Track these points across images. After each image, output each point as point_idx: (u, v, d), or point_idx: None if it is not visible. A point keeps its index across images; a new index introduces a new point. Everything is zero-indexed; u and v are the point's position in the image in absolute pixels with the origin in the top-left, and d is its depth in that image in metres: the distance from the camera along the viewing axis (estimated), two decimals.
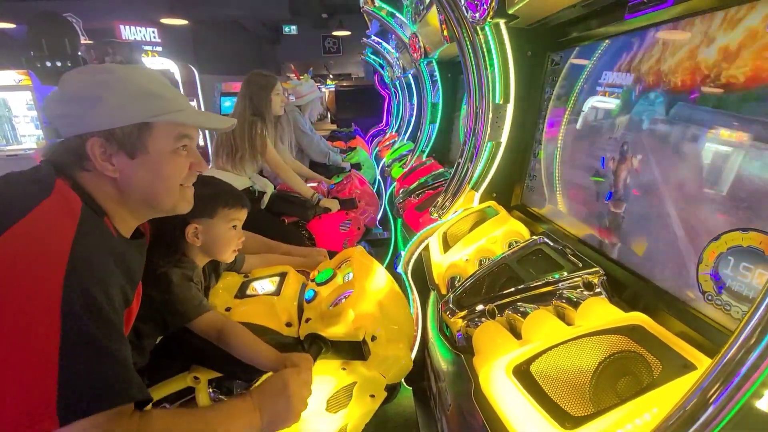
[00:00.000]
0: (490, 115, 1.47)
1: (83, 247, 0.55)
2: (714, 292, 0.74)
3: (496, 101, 1.46)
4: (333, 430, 0.90)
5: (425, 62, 2.55)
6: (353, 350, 0.90)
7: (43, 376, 0.48)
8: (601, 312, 0.81)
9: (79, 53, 6.26)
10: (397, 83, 4.32)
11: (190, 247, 0.90)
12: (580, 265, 0.96)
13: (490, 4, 1.14)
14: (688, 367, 0.60)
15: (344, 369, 0.89)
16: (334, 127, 9.28)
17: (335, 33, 11.17)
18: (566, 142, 1.35)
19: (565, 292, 0.92)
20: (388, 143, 4.41)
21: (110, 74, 0.64)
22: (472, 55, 1.40)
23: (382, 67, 4.76)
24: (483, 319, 0.97)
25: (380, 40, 3.69)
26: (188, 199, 0.75)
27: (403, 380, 1.37)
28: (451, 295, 1.09)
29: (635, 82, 1.02)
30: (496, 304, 0.97)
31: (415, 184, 2.27)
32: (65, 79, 0.64)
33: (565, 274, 0.95)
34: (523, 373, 0.73)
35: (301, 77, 3.05)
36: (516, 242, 1.23)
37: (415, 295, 1.67)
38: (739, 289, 0.70)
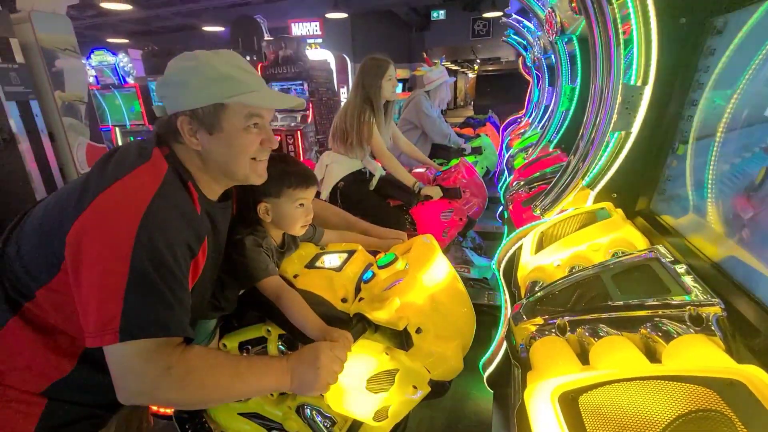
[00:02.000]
0: (619, 99, 1.22)
1: (157, 205, 0.68)
2: None
3: (631, 82, 1.21)
4: (372, 408, 0.92)
5: (564, 40, 2.24)
6: (395, 337, 0.89)
7: (113, 303, 0.63)
8: (699, 353, 0.62)
9: (262, 49, 7.55)
10: (542, 66, 3.92)
11: (263, 220, 1.01)
12: (695, 293, 0.75)
13: None
14: None
15: (387, 354, 0.89)
16: (471, 113, 9.03)
17: (485, 15, 10.68)
18: (729, 137, 1.03)
19: (663, 322, 0.73)
20: (520, 132, 4.09)
21: (195, 61, 0.76)
22: (602, 24, 1.19)
23: (525, 48, 4.38)
24: (552, 332, 0.85)
25: (521, 19, 3.39)
26: (259, 173, 0.85)
27: (487, 385, 1.31)
28: (525, 301, 0.98)
29: None
30: (570, 319, 0.84)
31: (531, 177, 2.07)
32: (168, 65, 0.77)
33: (670, 300, 0.75)
34: (569, 402, 0.63)
35: (434, 63, 3.08)
36: (622, 253, 1.02)
37: (506, 297, 1.56)
38: None
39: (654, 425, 0.54)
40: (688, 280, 0.79)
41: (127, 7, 8.53)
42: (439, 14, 11.21)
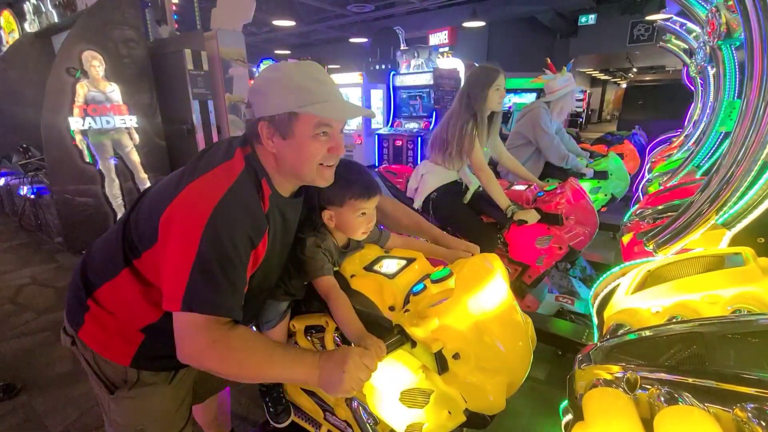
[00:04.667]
0: None
1: (226, 202, 0.78)
2: None
3: None
4: (404, 420, 0.90)
5: (732, 45, 1.82)
6: (430, 357, 0.85)
7: (180, 279, 0.75)
8: None
9: (397, 58, 7.98)
10: (706, 75, 3.26)
11: (327, 224, 1.07)
12: None
13: None
14: None
15: (423, 372, 0.86)
16: (612, 129, 7.94)
17: (649, 17, 9.27)
18: None
19: None
20: (668, 153, 3.46)
21: (277, 72, 0.84)
22: (759, 27, 0.96)
23: (689, 55, 3.68)
24: (620, 386, 0.72)
25: (685, 21, 2.86)
26: (326, 178, 0.90)
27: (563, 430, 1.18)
28: (600, 344, 0.85)
29: None
30: (645, 375, 0.70)
31: (662, 206, 1.75)
32: (257, 75, 0.88)
33: None
34: None
35: (562, 69, 2.79)
36: (747, 312, 0.81)
37: (598, 334, 1.36)
38: None
39: None
40: None
41: (292, 23, 9.95)
42: (588, 19, 10.17)
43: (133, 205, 0.94)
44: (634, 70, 16.27)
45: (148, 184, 3.77)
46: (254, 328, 1.17)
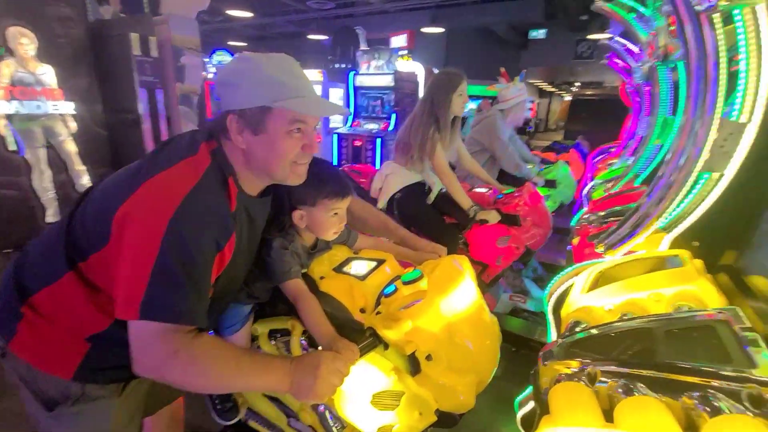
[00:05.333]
0: (715, 136, 1.08)
1: (190, 202, 0.72)
2: None
3: (733, 118, 1.06)
4: (375, 423, 0.90)
5: (667, 67, 2.02)
6: (402, 359, 0.86)
7: (138, 284, 0.69)
8: None
9: (356, 58, 7.97)
10: (642, 93, 3.57)
11: (296, 224, 1.04)
12: (764, 369, 0.63)
13: None
14: None
15: (395, 375, 0.86)
16: (560, 138, 8.48)
17: (591, 36, 10.01)
18: None
19: (713, 394, 0.62)
20: (609, 162, 3.75)
21: (248, 63, 0.79)
22: (700, 51, 1.06)
23: (626, 74, 4.02)
24: (581, 379, 0.77)
25: (625, 42, 3.12)
26: (299, 175, 0.87)
27: (519, 425, 1.23)
28: (561, 341, 0.90)
29: None
30: (604, 368, 0.75)
31: (606, 211, 1.90)
32: (225, 65, 0.83)
33: (729, 372, 0.64)
34: None
35: (514, 80, 2.93)
36: (687, 309, 0.89)
37: (553, 332, 1.44)
38: None
39: None
40: (759, 353, 0.66)
41: (249, 14, 9.59)
42: (538, 33, 10.78)
43: (78, 203, 0.85)
44: (577, 84, 17.49)
45: (86, 177, 3.45)
46: (213, 332, 1.11)
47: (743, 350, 0.67)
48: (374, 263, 1.05)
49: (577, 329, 0.97)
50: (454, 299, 0.89)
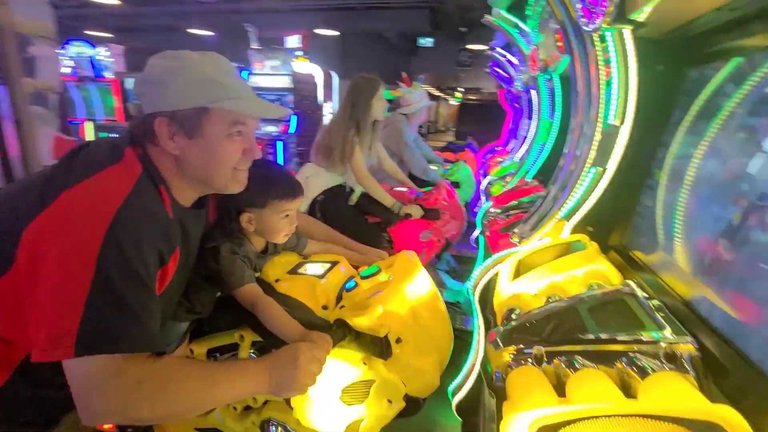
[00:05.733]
0: (599, 137, 1.28)
1: (128, 210, 0.63)
2: None
3: (609, 121, 1.27)
4: (344, 422, 0.90)
5: (545, 77, 2.35)
6: (375, 345, 0.88)
7: (71, 312, 0.57)
8: (675, 392, 0.63)
9: (249, 57, 7.53)
10: (520, 99, 4.09)
11: (244, 229, 0.99)
12: (670, 330, 0.76)
13: (607, 9, 0.98)
14: None
15: (365, 363, 0.88)
16: (452, 138, 9.25)
17: (470, 47, 11.13)
18: (698, 179, 1.08)
19: (638, 357, 0.74)
20: (498, 160, 4.21)
21: (180, 61, 0.72)
22: (585, 65, 1.24)
23: (506, 81, 4.56)
24: (528, 361, 0.84)
25: (505, 53, 3.54)
26: (240, 181, 0.80)
27: (455, 413, 1.28)
28: (502, 328, 0.97)
29: None
30: (547, 349, 0.83)
31: (508, 204, 2.12)
32: (149, 63, 0.73)
33: (645, 336, 0.76)
34: None
35: (412, 84, 3.08)
36: (598, 286, 1.04)
37: (480, 321, 1.55)
38: None
39: None
40: (662, 316, 0.80)
41: (115, 1, 8.34)
42: (426, 41, 11.58)
43: None
44: (460, 89, 19.30)
45: None
46: None
47: (651, 316, 0.80)
48: (328, 264, 1.07)
49: (513, 316, 1.05)
50: (415, 287, 0.97)
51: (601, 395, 0.67)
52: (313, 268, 1.06)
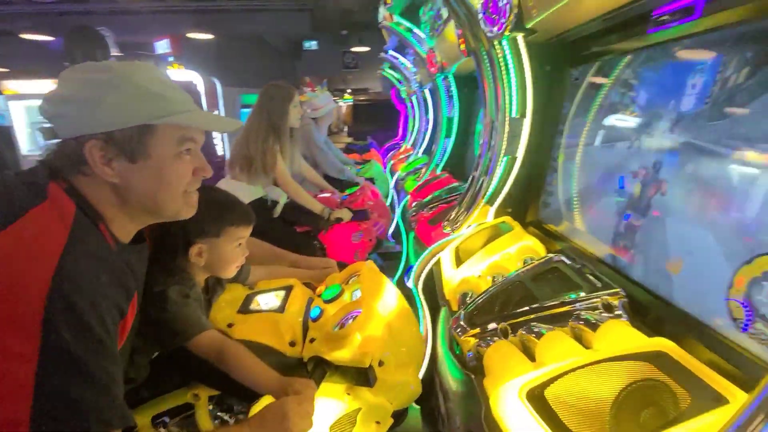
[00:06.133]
0: (507, 129, 1.44)
1: (72, 258, 0.53)
2: (745, 319, 0.69)
3: (513, 115, 1.44)
4: None
5: (442, 77, 2.55)
6: (359, 376, 0.85)
7: (16, 394, 0.46)
8: (622, 336, 0.77)
9: None
10: (414, 98, 4.34)
11: (191, 264, 0.87)
12: (599, 285, 0.92)
13: (508, 18, 1.12)
14: (719, 400, 0.55)
15: (349, 394, 0.84)
16: (350, 140, 9.37)
17: (354, 49, 11.37)
18: (585, 159, 1.31)
19: (583, 313, 0.87)
20: (402, 156, 4.42)
21: (109, 73, 0.61)
22: (489, 68, 1.39)
23: (399, 81, 4.80)
24: (495, 338, 0.93)
25: (397, 55, 3.73)
26: (192, 205, 0.72)
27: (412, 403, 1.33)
28: (463, 312, 1.05)
29: (659, 100, 0.99)
30: (509, 323, 0.93)
31: (428, 198, 2.25)
32: (64, 77, 0.61)
33: (583, 294, 0.90)
34: (537, 398, 0.69)
35: (317, 89, 3.07)
36: (531, 259, 1.19)
37: (425, 311, 1.63)
38: None
39: (608, 401, 0.64)
40: (590, 275, 0.96)
41: None
42: (311, 44, 11.47)
43: None
44: (349, 91, 19.64)
45: None
46: None
47: (585, 278, 0.95)
48: (282, 291, 0.97)
49: (467, 300, 1.14)
50: (385, 301, 0.93)
51: (566, 353, 0.77)
52: (267, 300, 0.96)
